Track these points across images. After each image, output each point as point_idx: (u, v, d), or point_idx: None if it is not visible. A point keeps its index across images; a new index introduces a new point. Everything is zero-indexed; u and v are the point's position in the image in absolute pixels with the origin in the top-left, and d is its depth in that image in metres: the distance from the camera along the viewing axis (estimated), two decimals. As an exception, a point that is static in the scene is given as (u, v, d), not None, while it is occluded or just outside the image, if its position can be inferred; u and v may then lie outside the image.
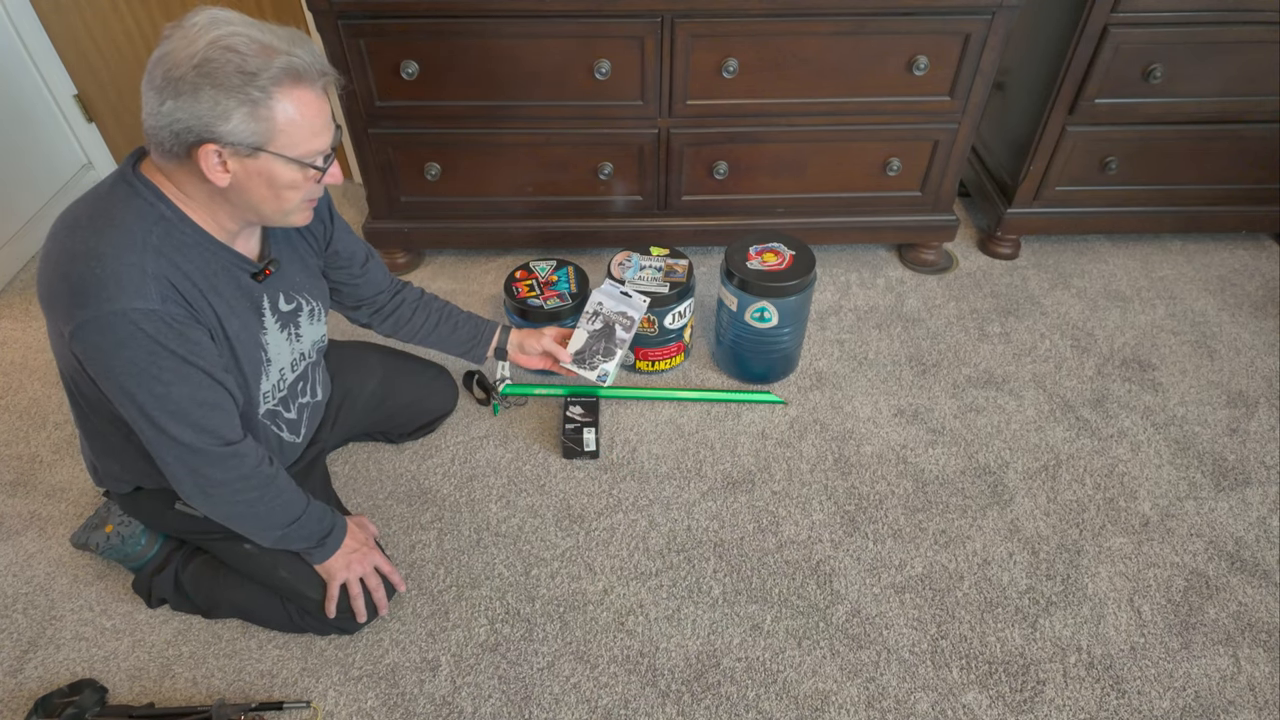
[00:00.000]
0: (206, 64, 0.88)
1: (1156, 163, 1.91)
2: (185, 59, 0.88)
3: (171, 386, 0.98)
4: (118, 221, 0.95)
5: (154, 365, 0.96)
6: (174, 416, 1.00)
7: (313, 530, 1.19)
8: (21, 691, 1.24)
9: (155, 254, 0.96)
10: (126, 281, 0.93)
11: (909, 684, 1.25)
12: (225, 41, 0.88)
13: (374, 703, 1.22)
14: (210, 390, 1.02)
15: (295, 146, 0.96)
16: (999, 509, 1.50)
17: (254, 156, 0.94)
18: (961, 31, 1.61)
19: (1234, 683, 1.25)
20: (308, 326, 1.23)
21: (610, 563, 1.41)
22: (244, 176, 0.96)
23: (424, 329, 1.48)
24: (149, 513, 1.27)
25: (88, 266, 0.93)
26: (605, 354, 1.50)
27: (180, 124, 0.90)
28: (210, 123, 0.90)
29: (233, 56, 0.88)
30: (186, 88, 0.88)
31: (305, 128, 0.96)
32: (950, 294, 1.99)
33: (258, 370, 1.13)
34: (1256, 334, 1.87)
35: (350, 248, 1.32)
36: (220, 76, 0.88)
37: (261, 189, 0.98)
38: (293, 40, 0.93)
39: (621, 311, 1.44)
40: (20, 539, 1.44)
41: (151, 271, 0.95)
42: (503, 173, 1.84)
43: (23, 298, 1.99)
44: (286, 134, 0.94)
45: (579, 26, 1.58)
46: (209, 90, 0.88)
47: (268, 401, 1.19)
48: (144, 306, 0.94)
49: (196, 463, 1.04)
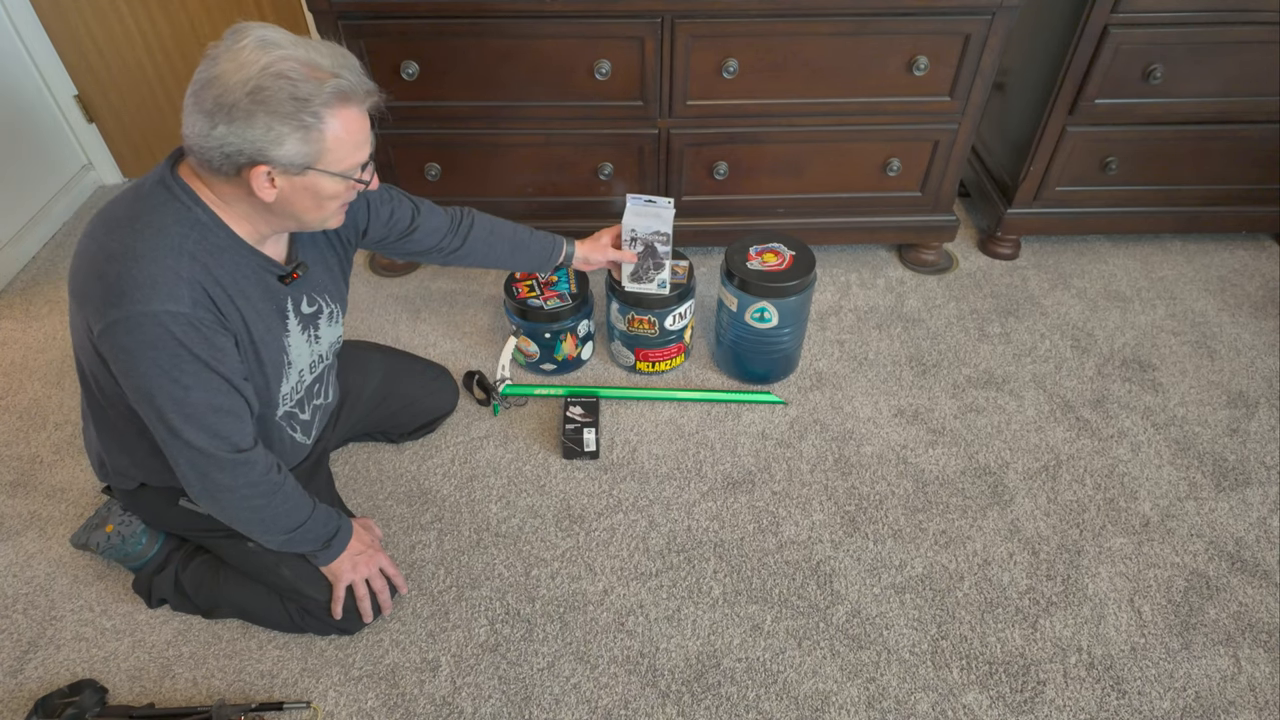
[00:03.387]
0: (260, 91, 0.89)
1: (1156, 163, 1.92)
2: (238, 84, 0.89)
3: (191, 391, 0.99)
4: (156, 224, 0.97)
5: (176, 368, 0.97)
6: (189, 420, 1.01)
7: (319, 533, 1.20)
8: (21, 691, 1.24)
9: (190, 258, 0.98)
10: (161, 284, 0.95)
11: (909, 684, 1.25)
12: (277, 68, 0.90)
13: (374, 703, 1.22)
14: (228, 397, 1.03)
15: (341, 162, 0.99)
16: (999, 509, 1.50)
17: (302, 174, 0.97)
18: (961, 32, 1.61)
19: (1234, 683, 1.25)
20: (326, 328, 1.24)
21: (610, 563, 1.41)
22: (290, 191, 0.99)
23: (498, 257, 1.49)
24: (151, 509, 1.27)
25: (124, 266, 0.94)
26: (656, 268, 1.57)
27: (232, 147, 0.92)
28: (264, 147, 0.92)
29: (285, 84, 0.90)
30: (240, 114, 0.90)
31: (350, 144, 0.99)
32: (950, 294, 1.99)
33: (279, 372, 1.15)
34: (1256, 334, 1.87)
35: (390, 221, 1.32)
36: (274, 104, 0.90)
37: (305, 201, 1.01)
38: (337, 59, 0.95)
39: (655, 231, 1.52)
40: (20, 539, 1.44)
41: (185, 275, 0.97)
42: (503, 173, 1.84)
43: (23, 298, 1.99)
44: (333, 151, 0.97)
45: (579, 27, 1.58)
46: (263, 117, 0.90)
47: (286, 403, 1.20)
48: (175, 309, 0.95)
49: (206, 467, 1.05)
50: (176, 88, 2.20)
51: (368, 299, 1.97)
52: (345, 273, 1.29)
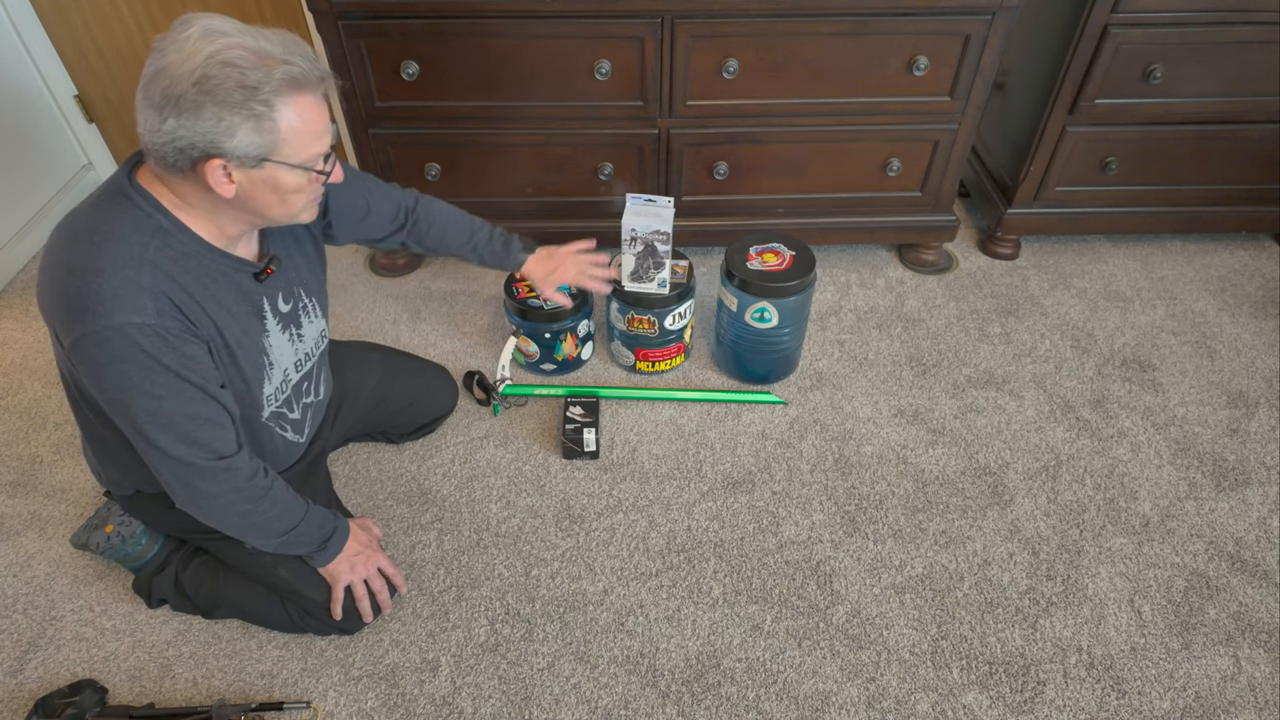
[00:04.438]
0: (206, 80, 0.87)
1: (1156, 163, 1.91)
2: (184, 75, 0.87)
3: (164, 401, 0.98)
4: (115, 235, 0.95)
5: (146, 380, 0.96)
6: (165, 430, 0.99)
7: (313, 535, 1.19)
8: (21, 692, 1.24)
9: (152, 268, 0.96)
10: (123, 296, 0.93)
11: (909, 684, 1.25)
12: (223, 56, 0.87)
13: (374, 703, 1.22)
14: (203, 405, 1.02)
15: (299, 153, 0.96)
16: (999, 509, 1.50)
17: (259, 167, 0.94)
18: (961, 32, 1.61)
19: (1234, 683, 1.25)
20: (308, 325, 1.23)
21: (610, 563, 1.41)
22: (249, 186, 0.96)
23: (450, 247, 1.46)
24: (150, 513, 1.27)
25: (85, 281, 0.93)
26: (656, 267, 1.58)
27: (183, 140, 0.89)
28: (215, 139, 0.90)
29: (232, 71, 0.87)
30: (188, 105, 0.87)
31: (307, 134, 0.95)
32: (950, 294, 1.99)
33: (260, 374, 1.13)
34: (1256, 334, 1.87)
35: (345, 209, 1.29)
36: (222, 93, 0.87)
37: (268, 196, 0.98)
38: (288, 46, 0.92)
39: (654, 230, 1.52)
40: (20, 539, 1.44)
41: (148, 286, 0.95)
42: (503, 173, 1.84)
43: (23, 298, 1.99)
44: (290, 142, 0.94)
45: (579, 27, 1.58)
46: (211, 107, 0.88)
47: (271, 404, 1.18)
48: (140, 321, 0.94)
49: (188, 475, 1.04)
50: (176, 88, 2.20)
51: (368, 299, 1.97)
52: (321, 264, 1.27)
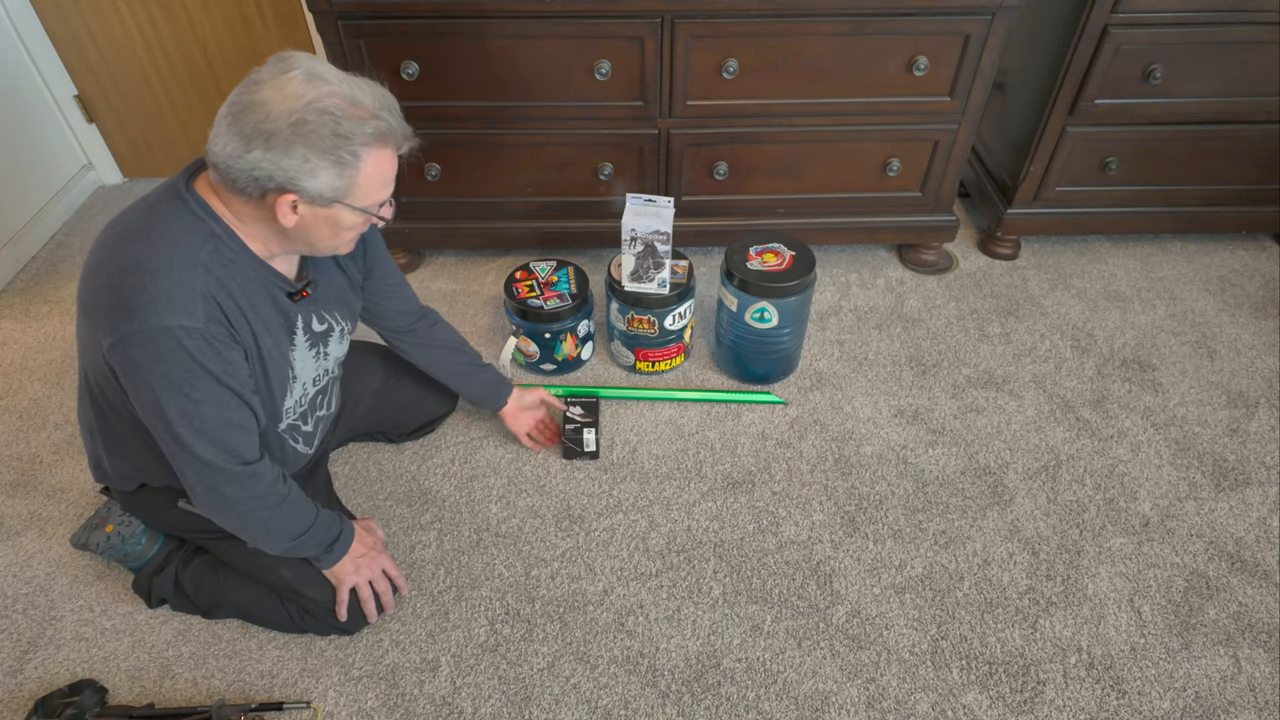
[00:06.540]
0: (303, 125, 0.91)
1: (1156, 163, 1.92)
2: (281, 114, 0.90)
3: (201, 405, 0.99)
4: (170, 235, 0.97)
5: (188, 383, 0.98)
6: (198, 433, 1.01)
7: (321, 539, 1.20)
8: (21, 691, 1.24)
9: (204, 270, 0.98)
10: (176, 298, 0.95)
11: (909, 684, 1.25)
12: (323, 104, 0.91)
13: (374, 703, 1.22)
14: (237, 411, 1.04)
15: (366, 198, 1.01)
16: (999, 509, 1.50)
17: (328, 207, 0.98)
18: (961, 32, 1.61)
19: (1234, 683, 1.25)
20: (336, 346, 1.25)
21: (610, 563, 1.41)
22: (311, 220, 1.00)
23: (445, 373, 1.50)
24: (150, 511, 1.27)
25: (139, 279, 0.94)
26: (656, 267, 1.58)
27: (263, 172, 0.93)
28: (296, 177, 0.93)
29: (329, 119, 0.92)
30: (279, 143, 0.91)
31: (379, 181, 1.01)
32: (950, 294, 1.99)
33: (284, 386, 1.15)
34: (1256, 334, 1.87)
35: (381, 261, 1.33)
36: (315, 138, 0.92)
37: (324, 230, 1.02)
38: (380, 100, 0.97)
39: (654, 230, 1.52)
40: (20, 539, 1.44)
41: (200, 289, 0.97)
42: (503, 173, 1.84)
43: (23, 298, 1.99)
44: (362, 188, 0.99)
45: (579, 27, 1.58)
46: (302, 149, 0.92)
47: (289, 417, 1.20)
48: (189, 324, 0.95)
49: (214, 480, 1.05)
50: (176, 88, 2.20)
51: (368, 299, 1.97)
52: (358, 297, 1.29)
